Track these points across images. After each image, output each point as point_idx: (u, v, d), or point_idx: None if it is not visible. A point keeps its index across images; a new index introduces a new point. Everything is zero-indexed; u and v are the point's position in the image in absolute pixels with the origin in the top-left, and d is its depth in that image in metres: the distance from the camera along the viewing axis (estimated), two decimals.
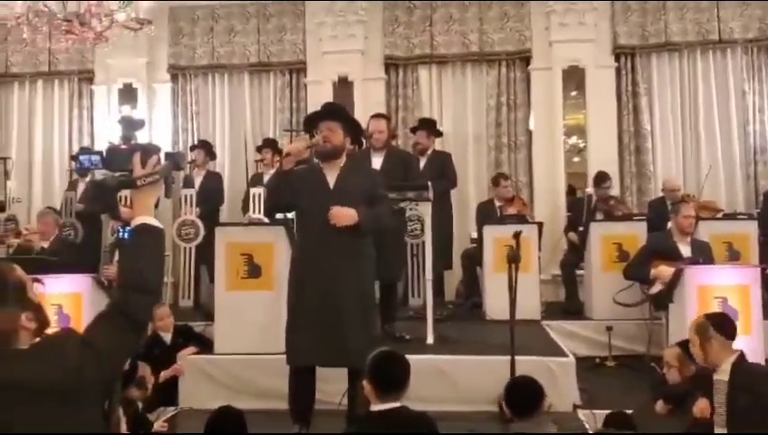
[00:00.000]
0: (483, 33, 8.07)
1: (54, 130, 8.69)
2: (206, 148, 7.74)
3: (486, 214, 7.18)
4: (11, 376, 1.71)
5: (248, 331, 4.80)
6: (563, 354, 4.83)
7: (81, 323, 4.75)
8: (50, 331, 1.92)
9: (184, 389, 4.83)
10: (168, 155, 6.31)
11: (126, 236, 5.49)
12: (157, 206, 2.21)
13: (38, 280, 1.90)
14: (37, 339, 1.86)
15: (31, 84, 8.71)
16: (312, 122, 4.12)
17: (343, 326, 3.77)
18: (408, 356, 4.52)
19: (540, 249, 6.65)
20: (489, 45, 8.08)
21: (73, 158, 8.01)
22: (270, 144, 7.46)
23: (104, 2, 5.18)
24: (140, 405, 3.84)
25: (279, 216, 5.25)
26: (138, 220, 1.96)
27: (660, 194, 7.38)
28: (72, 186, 7.78)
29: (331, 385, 4.21)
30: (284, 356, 4.09)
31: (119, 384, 2.07)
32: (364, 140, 5.90)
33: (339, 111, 4.16)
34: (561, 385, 4.45)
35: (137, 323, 1.90)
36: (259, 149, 7.50)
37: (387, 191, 4.38)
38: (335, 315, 3.77)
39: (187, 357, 4.90)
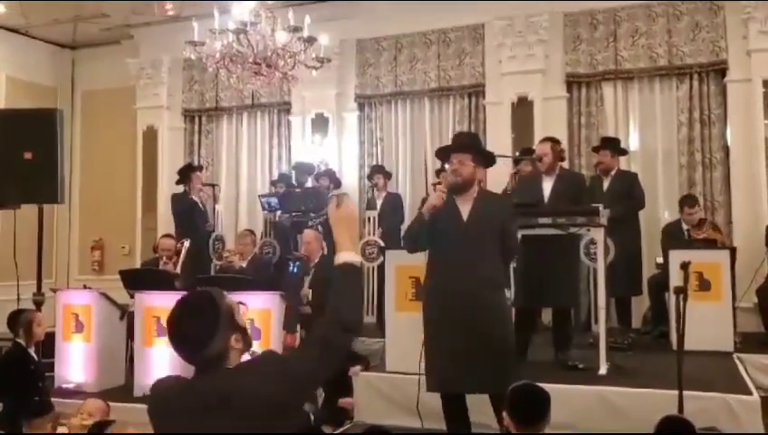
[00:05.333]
0: (672, 46, 7.65)
1: (257, 156, 9.52)
2: (383, 171, 8.09)
3: (673, 236, 6.79)
4: (223, 392, 1.93)
5: (416, 351, 4.94)
6: (747, 392, 4.44)
7: (269, 337, 5.23)
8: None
9: (358, 404, 5.10)
10: (318, 176, 6.55)
11: (295, 270, 6.04)
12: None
13: (243, 303, 2.13)
14: (245, 357, 2.09)
15: (237, 117, 9.63)
16: (444, 154, 4.22)
17: (475, 354, 3.82)
18: (575, 386, 4.53)
19: (734, 276, 6.17)
20: (679, 58, 7.64)
21: (273, 183, 8.71)
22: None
23: (289, 44, 5.67)
24: (312, 417, 4.15)
25: None
26: (341, 258, 2.15)
27: None
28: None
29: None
30: None
31: None
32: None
33: (467, 143, 4.21)
34: (742, 425, 4.11)
35: (335, 354, 2.10)
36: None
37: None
38: (467, 344, 3.83)
39: (361, 374, 5.18)
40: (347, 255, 2.14)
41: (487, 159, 4.32)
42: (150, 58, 9.61)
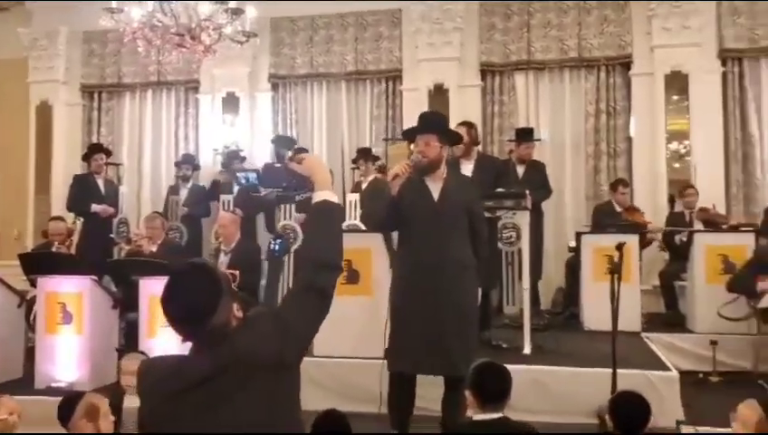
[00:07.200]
0: (581, 39, 7.94)
1: (162, 137, 9.12)
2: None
3: (607, 214, 6.99)
4: (226, 359, 1.87)
5: (347, 335, 4.89)
6: (666, 368, 4.69)
7: None
8: None
9: None
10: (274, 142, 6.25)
11: (277, 247, 5.85)
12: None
13: (233, 273, 2.04)
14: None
15: (141, 94, 9.18)
16: (410, 136, 4.17)
17: (446, 336, 3.80)
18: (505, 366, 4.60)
19: (641, 259, 6.50)
20: (588, 51, 7.93)
21: (177, 165, 8.36)
22: (364, 154, 7.56)
23: (214, 16, 5.42)
24: None
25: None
26: (318, 196, 2.15)
27: None
28: (175, 190, 8.17)
29: (427, 390, 4.23)
30: (381, 361, 4.18)
31: None
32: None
33: (433, 123, 4.16)
34: (663, 400, 4.32)
35: (323, 297, 2.06)
36: (355, 161, 7.59)
37: (482, 201, 4.46)
38: (438, 325, 3.81)
39: None
40: (324, 193, 2.16)
41: (453, 139, 4.27)
42: (45, 28, 8.98)
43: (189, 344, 1.96)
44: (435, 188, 3.98)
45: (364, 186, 7.18)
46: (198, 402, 1.85)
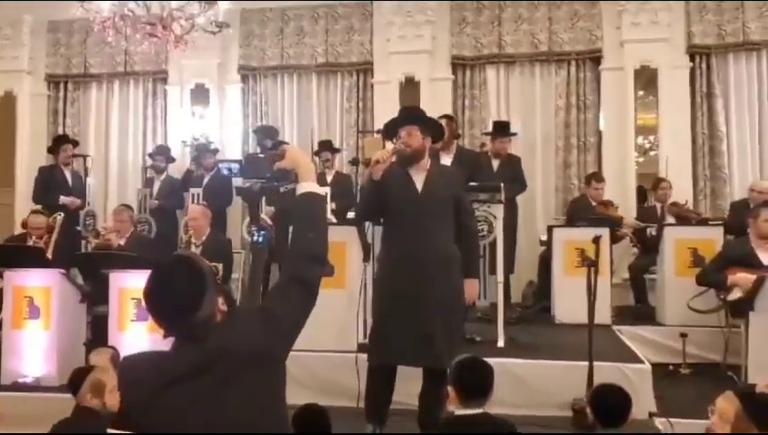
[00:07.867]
0: (552, 33, 7.97)
1: (129, 128, 8.95)
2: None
3: (583, 208, 7.01)
4: (211, 355, 1.84)
5: (322, 328, 4.84)
6: (639, 361, 4.74)
7: None
8: None
9: None
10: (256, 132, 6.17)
11: (260, 239, 5.72)
12: None
13: (216, 267, 2.00)
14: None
15: (108, 85, 9.00)
16: (392, 129, 4.14)
17: (430, 327, 3.77)
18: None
19: (611, 252, 6.56)
20: (558, 45, 7.97)
21: (150, 156, 8.23)
22: (327, 147, 7.52)
23: (186, 5, 5.33)
24: None
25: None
26: (303, 188, 2.13)
27: (742, 196, 7.15)
28: (148, 183, 8.05)
29: (403, 384, 4.19)
30: (356, 354, 4.14)
31: None
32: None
33: (414, 115, 4.15)
34: (637, 392, 4.33)
35: (310, 290, 2.05)
36: (317, 153, 7.54)
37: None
38: (423, 317, 3.78)
39: None
40: (309, 185, 2.14)
41: (435, 131, 4.22)
42: (8, 17, 8.72)
43: (162, 340, 1.93)
44: (418, 178, 3.96)
45: (329, 178, 7.16)
46: (182, 399, 1.81)
